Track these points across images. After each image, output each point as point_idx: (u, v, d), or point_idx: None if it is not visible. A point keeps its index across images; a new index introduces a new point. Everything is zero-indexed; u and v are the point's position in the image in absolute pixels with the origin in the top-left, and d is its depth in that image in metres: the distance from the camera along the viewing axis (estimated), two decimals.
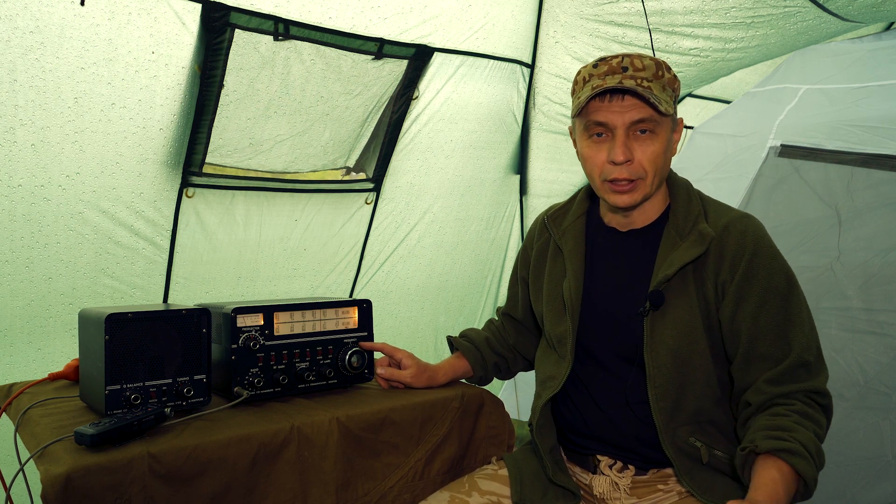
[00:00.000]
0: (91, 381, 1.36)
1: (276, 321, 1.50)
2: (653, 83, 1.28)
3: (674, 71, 1.35)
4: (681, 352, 1.31)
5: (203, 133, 2.33)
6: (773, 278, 1.29)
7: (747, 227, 1.32)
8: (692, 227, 1.34)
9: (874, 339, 2.15)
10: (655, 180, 1.33)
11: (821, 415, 1.24)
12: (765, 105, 2.73)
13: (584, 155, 1.37)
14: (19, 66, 1.92)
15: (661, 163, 1.33)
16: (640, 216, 1.42)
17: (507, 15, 2.86)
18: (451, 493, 1.43)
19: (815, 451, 1.17)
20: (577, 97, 1.34)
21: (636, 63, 1.29)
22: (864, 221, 2.28)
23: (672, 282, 1.33)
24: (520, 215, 3.52)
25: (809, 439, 1.17)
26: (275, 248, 2.75)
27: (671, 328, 1.32)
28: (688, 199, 1.39)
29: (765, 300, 1.28)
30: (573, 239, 1.48)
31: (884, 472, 2.04)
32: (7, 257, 2.13)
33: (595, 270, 1.45)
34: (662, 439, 1.31)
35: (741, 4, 2.58)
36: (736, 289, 1.30)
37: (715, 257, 1.31)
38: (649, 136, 1.31)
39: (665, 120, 1.32)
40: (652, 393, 1.32)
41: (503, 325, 1.74)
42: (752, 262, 1.29)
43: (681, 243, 1.34)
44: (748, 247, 1.30)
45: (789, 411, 1.22)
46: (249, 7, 2.18)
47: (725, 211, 1.37)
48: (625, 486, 1.38)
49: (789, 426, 1.18)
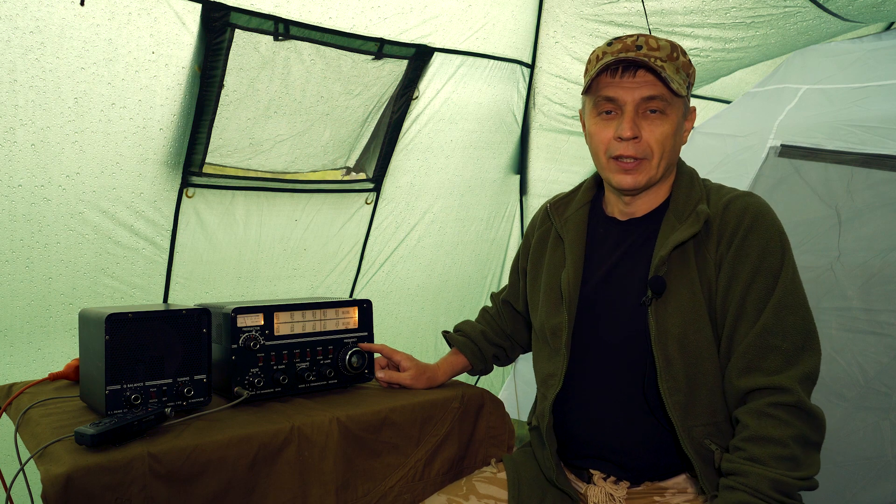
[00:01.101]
0: (91, 381, 1.36)
1: (277, 321, 1.50)
2: (667, 63, 1.26)
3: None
4: (687, 341, 1.26)
5: (203, 133, 2.33)
6: (767, 257, 1.23)
7: (748, 204, 1.27)
8: (692, 209, 1.30)
9: (874, 339, 2.15)
10: (662, 163, 1.30)
11: (785, 424, 1.16)
12: (765, 105, 2.73)
13: (591, 132, 1.34)
14: (19, 66, 1.92)
15: (670, 146, 1.29)
16: (642, 204, 1.37)
17: (507, 15, 2.86)
18: (449, 496, 1.41)
19: (772, 485, 1.12)
20: (589, 74, 1.31)
21: (651, 42, 1.27)
22: (864, 221, 2.28)
23: (673, 266, 1.28)
24: (520, 215, 3.52)
25: (761, 479, 1.12)
26: (275, 248, 2.75)
27: (676, 316, 1.26)
28: (690, 184, 1.35)
29: (753, 278, 1.22)
30: (575, 228, 1.43)
31: (884, 472, 2.04)
32: (7, 257, 2.13)
33: (594, 261, 1.40)
34: (682, 439, 1.25)
35: (741, 4, 2.58)
36: (729, 264, 1.25)
37: (717, 234, 1.27)
38: (659, 116, 1.28)
39: (677, 101, 1.29)
40: (664, 387, 1.25)
41: (500, 312, 1.70)
42: (747, 238, 1.24)
43: (679, 226, 1.30)
44: (746, 221, 1.25)
45: (743, 441, 1.17)
46: (249, 7, 2.18)
47: (728, 191, 1.32)
48: (620, 497, 1.34)
49: (741, 469, 1.15)
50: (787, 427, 1.16)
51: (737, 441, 1.19)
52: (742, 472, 1.15)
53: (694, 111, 1.37)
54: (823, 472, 1.18)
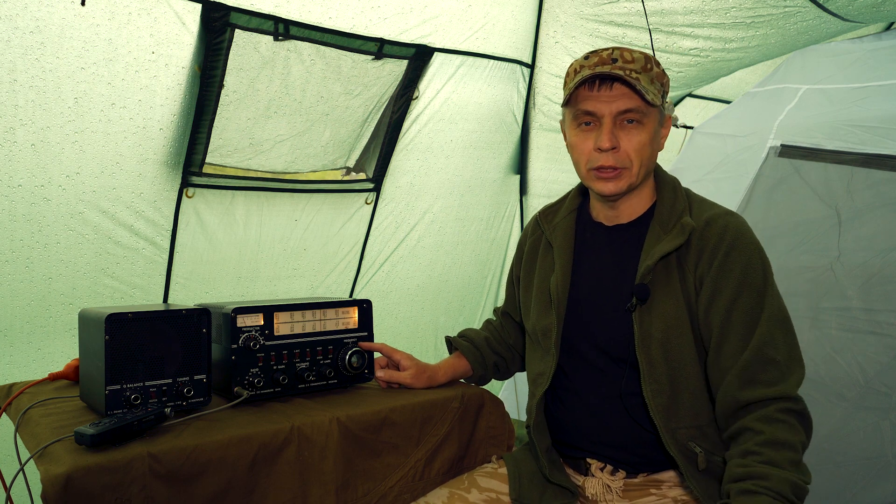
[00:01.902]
0: (91, 381, 1.36)
1: (277, 321, 1.50)
2: (641, 75, 1.31)
3: (671, 70, 1.35)
4: (670, 346, 1.31)
5: (203, 133, 2.33)
6: (750, 274, 1.28)
7: (728, 223, 1.32)
8: (676, 220, 1.35)
9: (874, 339, 2.15)
10: (641, 171, 1.35)
11: (795, 430, 1.20)
12: (765, 105, 2.73)
13: (572, 143, 1.40)
14: (19, 66, 1.92)
15: (648, 153, 1.35)
16: (626, 209, 1.42)
17: (507, 15, 2.86)
18: (451, 489, 1.44)
19: (791, 488, 1.14)
20: (568, 87, 1.37)
21: (626, 55, 1.33)
22: (864, 221, 2.28)
23: (657, 276, 1.33)
24: (520, 215, 3.52)
25: (783, 481, 1.14)
26: (275, 248, 2.75)
27: (659, 322, 1.32)
28: (674, 195, 1.40)
29: (738, 294, 1.28)
30: (563, 234, 1.49)
31: (884, 472, 2.04)
32: (7, 257, 2.13)
33: (582, 265, 1.46)
34: (665, 440, 1.30)
35: (741, 4, 2.58)
36: (711, 281, 1.30)
37: (696, 250, 1.32)
38: (636, 126, 1.33)
39: (652, 111, 1.34)
40: (647, 390, 1.32)
41: (502, 324, 1.75)
42: (728, 256, 1.29)
43: (664, 237, 1.35)
44: (727, 240, 1.30)
45: (759, 445, 1.18)
46: (249, 7, 2.18)
47: (709, 206, 1.38)
48: (616, 489, 1.39)
49: (761, 473, 1.16)
50: (796, 432, 1.21)
51: (750, 445, 1.20)
52: (762, 475, 1.16)
53: (669, 119, 1.42)
54: (823, 472, 1.19)
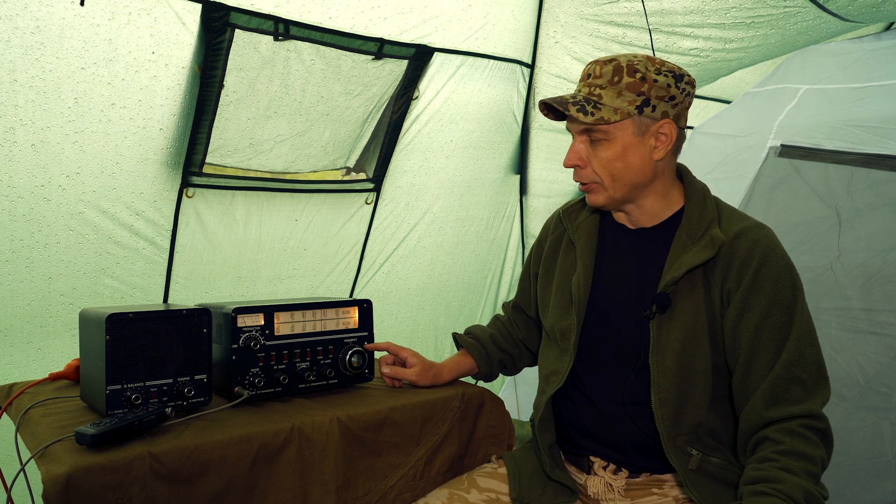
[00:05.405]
0: (92, 381, 1.36)
1: (277, 321, 1.50)
2: (605, 90, 1.31)
3: (651, 74, 1.31)
4: (685, 356, 1.30)
5: (203, 133, 2.33)
6: (780, 291, 1.26)
7: (759, 237, 1.29)
8: (704, 231, 1.33)
9: (874, 339, 2.15)
10: (616, 185, 1.35)
11: (816, 445, 1.20)
12: (765, 105, 2.73)
13: None
14: (19, 66, 1.92)
15: (619, 168, 1.33)
16: (641, 216, 1.41)
17: (507, 15, 2.86)
18: (451, 489, 1.44)
19: (804, 495, 1.14)
20: None
21: (597, 70, 1.33)
22: (864, 221, 2.28)
23: (680, 285, 1.31)
24: (520, 215, 3.52)
25: (797, 487, 1.14)
26: (275, 248, 2.75)
27: (677, 332, 1.30)
28: (703, 203, 1.37)
29: (769, 312, 1.26)
30: (586, 234, 1.48)
31: (884, 472, 2.04)
32: (7, 257, 2.13)
33: (604, 267, 1.45)
34: (666, 448, 1.30)
35: (741, 4, 2.58)
36: (741, 297, 1.28)
37: (724, 264, 1.30)
38: (603, 142, 1.33)
39: (622, 125, 1.31)
40: (655, 398, 1.31)
41: (511, 319, 1.73)
42: (759, 272, 1.27)
43: (691, 247, 1.32)
44: (757, 256, 1.28)
45: (776, 453, 1.19)
46: (249, 7, 2.18)
47: (740, 218, 1.35)
48: (619, 488, 1.39)
49: (775, 476, 1.16)
50: (817, 448, 1.21)
51: (769, 453, 1.20)
52: (776, 478, 1.16)
53: (665, 125, 1.33)
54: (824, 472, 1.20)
